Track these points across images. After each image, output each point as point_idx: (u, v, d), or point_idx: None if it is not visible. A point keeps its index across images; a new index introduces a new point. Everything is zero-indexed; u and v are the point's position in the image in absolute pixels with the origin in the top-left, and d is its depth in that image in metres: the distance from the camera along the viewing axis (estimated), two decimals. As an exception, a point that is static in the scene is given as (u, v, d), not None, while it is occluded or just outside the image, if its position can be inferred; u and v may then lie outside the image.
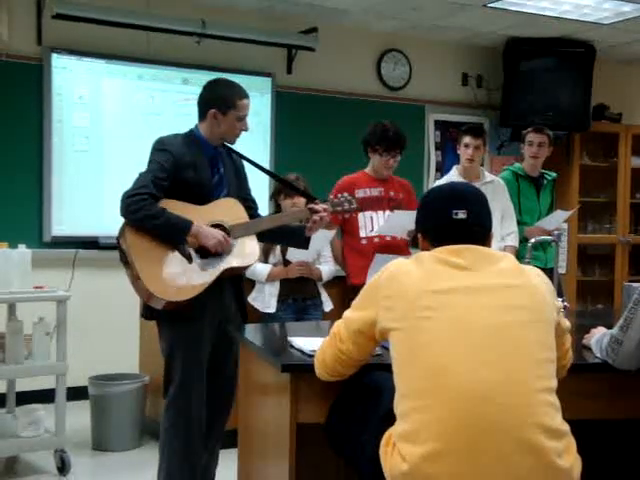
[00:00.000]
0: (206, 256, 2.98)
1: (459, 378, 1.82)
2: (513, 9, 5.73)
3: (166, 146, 3.04)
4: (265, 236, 3.26)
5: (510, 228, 4.55)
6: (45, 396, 4.25)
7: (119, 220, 2.98)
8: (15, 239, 3.94)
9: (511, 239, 4.54)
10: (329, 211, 3.27)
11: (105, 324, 5.27)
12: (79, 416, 4.35)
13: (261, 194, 3.75)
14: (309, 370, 2.24)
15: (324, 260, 4.23)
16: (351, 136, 4.69)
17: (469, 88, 6.86)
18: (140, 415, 4.32)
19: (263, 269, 4.07)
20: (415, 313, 1.90)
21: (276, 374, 2.40)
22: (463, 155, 4.54)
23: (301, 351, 2.47)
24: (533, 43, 6.51)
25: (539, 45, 6.53)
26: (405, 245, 4.12)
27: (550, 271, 3.74)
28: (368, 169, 4.21)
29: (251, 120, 3.18)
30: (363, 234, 4.09)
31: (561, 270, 4.96)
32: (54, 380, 3.84)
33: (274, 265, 4.12)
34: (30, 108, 5.18)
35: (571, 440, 1.92)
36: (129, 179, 3.00)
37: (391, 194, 4.17)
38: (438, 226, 2.07)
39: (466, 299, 1.91)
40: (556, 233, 3.73)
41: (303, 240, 3.33)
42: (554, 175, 4.95)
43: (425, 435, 1.81)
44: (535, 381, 1.86)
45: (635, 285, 2.74)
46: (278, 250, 4.12)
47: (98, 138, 5.38)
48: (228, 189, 3.16)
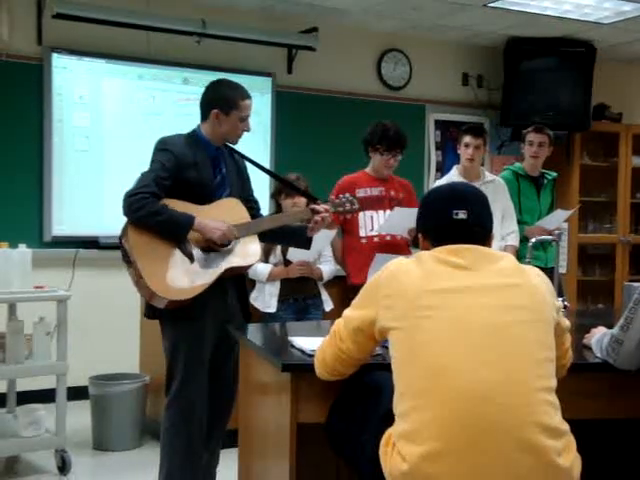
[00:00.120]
0: (212, 250, 2.99)
1: (459, 378, 1.82)
2: (513, 9, 5.73)
3: (168, 146, 3.04)
4: (267, 236, 3.26)
5: (510, 228, 4.55)
6: (45, 396, 4.25)
7: (119, 220, 2.98)
8: (15, 239, 3.94)
9: (512, 239, 4.54)
10: (331, 212, 3.27)
11: (105, 324, 5.27)
12: (79, 416, 4.35)
13: (262, 194, 3.75)
14: (309, 370, 2.24)
15: (325, 260, 4.23)
16: (351, 136, 4.69)
17: (469, 88, 6.86)
18: (140, 415, 4.32)
19: (264, 269, 4.07)
20: (415, 312, 1.90)
21: (276, 374, 2.40)
22: (463, 155, 4.55)
23: (301, 351, 2.46)
24: (533, 43, 6.51)
25: (539, 45, 6.53)
26: (405, 244, 4.13)
27: (550, 271, 3.74)
28: (368, 169, 4.22)
29: (251, 120, 3.17)
30: (363, 233, 4.10)
31: (561, 270, 4.96)
32: (54, 380, 3.84)
33: (275, 265, 4.12)
34: (30, 108, 5.18)
35: (571, 439, 1.92)
36: (129, 179, 3.01)
37: (392, 194, 4.18)
38: (438, 226, 2.07)
39: (466, 299, 1.91)
40: (556, 233, 3.74)
41: (305, 240, 3.33)
42: (554, 175, 4.95)
43: (425, 435, 1.81)
44: (535, 381, 1.86)
45: (635, 285, 2.74)
46: (279, 250, 4.12)
47: (98, 138, 5.38)
48: (230, 189, 3.16)
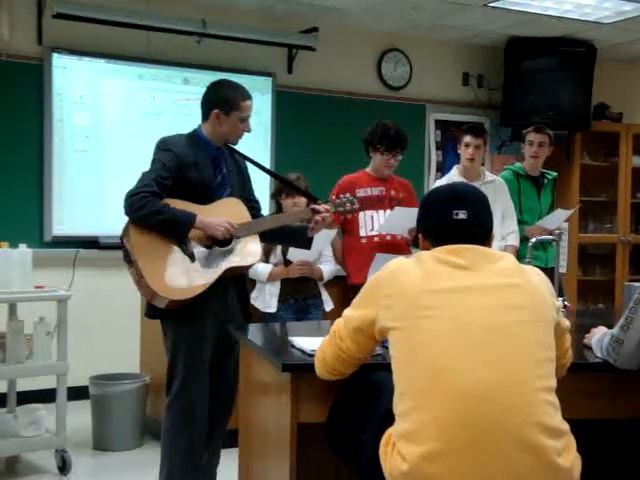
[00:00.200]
0: (216, 245, 3.00)
1: (459, 378, 1.82)
2: (514, 9, 5.73)
3: (169, 146, 3.04)
4: (267, 236, 3.25)
5: (511, 227, 4.55)
6: (46, 396, 4.25)
7: (120, 220, 2.98)
8: (16, 239, 3.94)
9: (512, 239, 4.53)
10: (331, 211, 3.27)
11: (106, 324, 5.27)
12: (80, 416, 4.35)
13: (262, 194, 3.75)
14: (310, 370, 2.24)
15: (325, 260, 4.23)
16: (352, 136, 4.69)
17: (470, 88, 6.85)
18: (141, 415, 4.32)
19: (264, 269, 4.07)
20: (415, 312, 1.90)
21: (277, 374, 2.40)
22: (464, 154, 4.54)
23: (302, 351, 2.46)
24: (534, 43, 6.51)
25: (540, 45, 6.53)
26: (405, 244, 4.13)
27: (551, 270, 3.74)
28: (369, 169, 4.22)
29: (252, 120, 3.17)
30: (363, 233, 4.11)
31: (562, 269, 4.96)
32: (55, 380, 3.84)
33: (275, 265, 4.12)
34: (30, 108, 5.17)
35: (571, 439, 1.92)
36: (129, 179, 3.01)
37: (392, 193, 4.19)
38: (439, 226, 2.07)
39: (466, 299, 1.91)
40: (557, 232, 3.73)
41: (305, 240, 3.33)
42: (555, 174, 4.95)
43: (425, 435, 1.81)
44: (535, 381, 1.86)
45: (636, 285, 2.75)
46: (279, 250, 4.12)
47: (98, 138, 5.38)
48: (231, 189, 3.16)
